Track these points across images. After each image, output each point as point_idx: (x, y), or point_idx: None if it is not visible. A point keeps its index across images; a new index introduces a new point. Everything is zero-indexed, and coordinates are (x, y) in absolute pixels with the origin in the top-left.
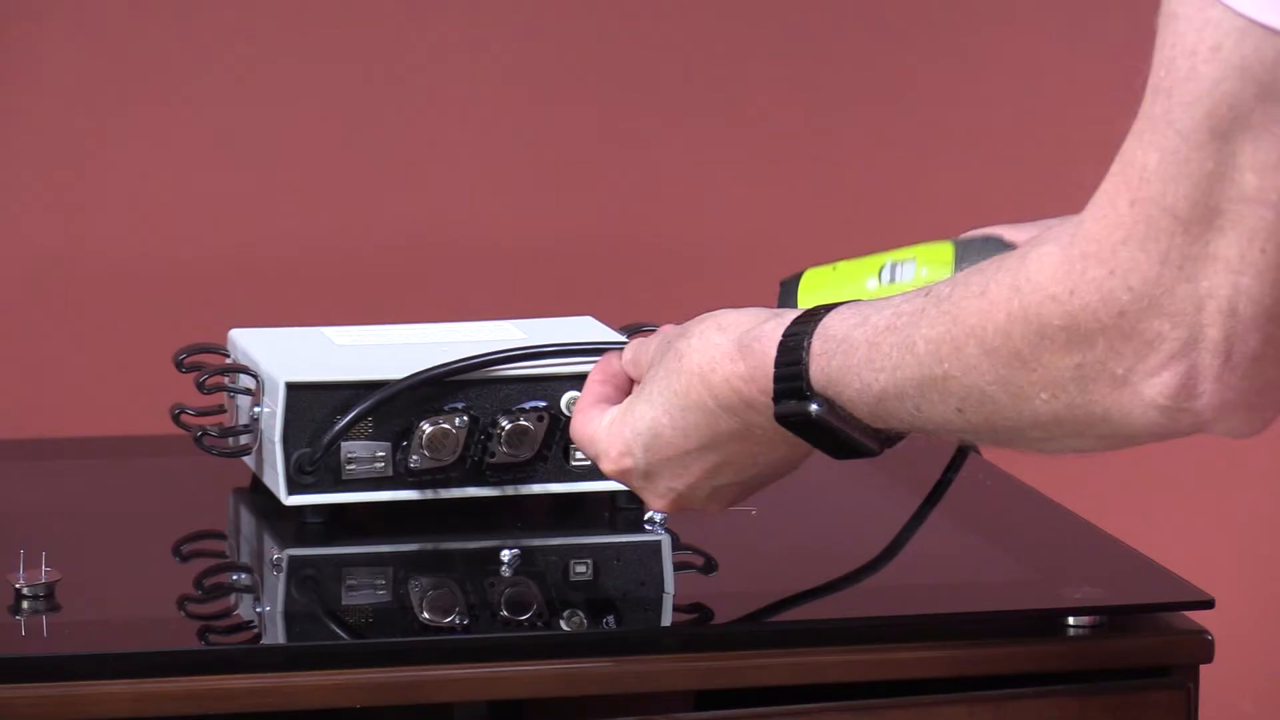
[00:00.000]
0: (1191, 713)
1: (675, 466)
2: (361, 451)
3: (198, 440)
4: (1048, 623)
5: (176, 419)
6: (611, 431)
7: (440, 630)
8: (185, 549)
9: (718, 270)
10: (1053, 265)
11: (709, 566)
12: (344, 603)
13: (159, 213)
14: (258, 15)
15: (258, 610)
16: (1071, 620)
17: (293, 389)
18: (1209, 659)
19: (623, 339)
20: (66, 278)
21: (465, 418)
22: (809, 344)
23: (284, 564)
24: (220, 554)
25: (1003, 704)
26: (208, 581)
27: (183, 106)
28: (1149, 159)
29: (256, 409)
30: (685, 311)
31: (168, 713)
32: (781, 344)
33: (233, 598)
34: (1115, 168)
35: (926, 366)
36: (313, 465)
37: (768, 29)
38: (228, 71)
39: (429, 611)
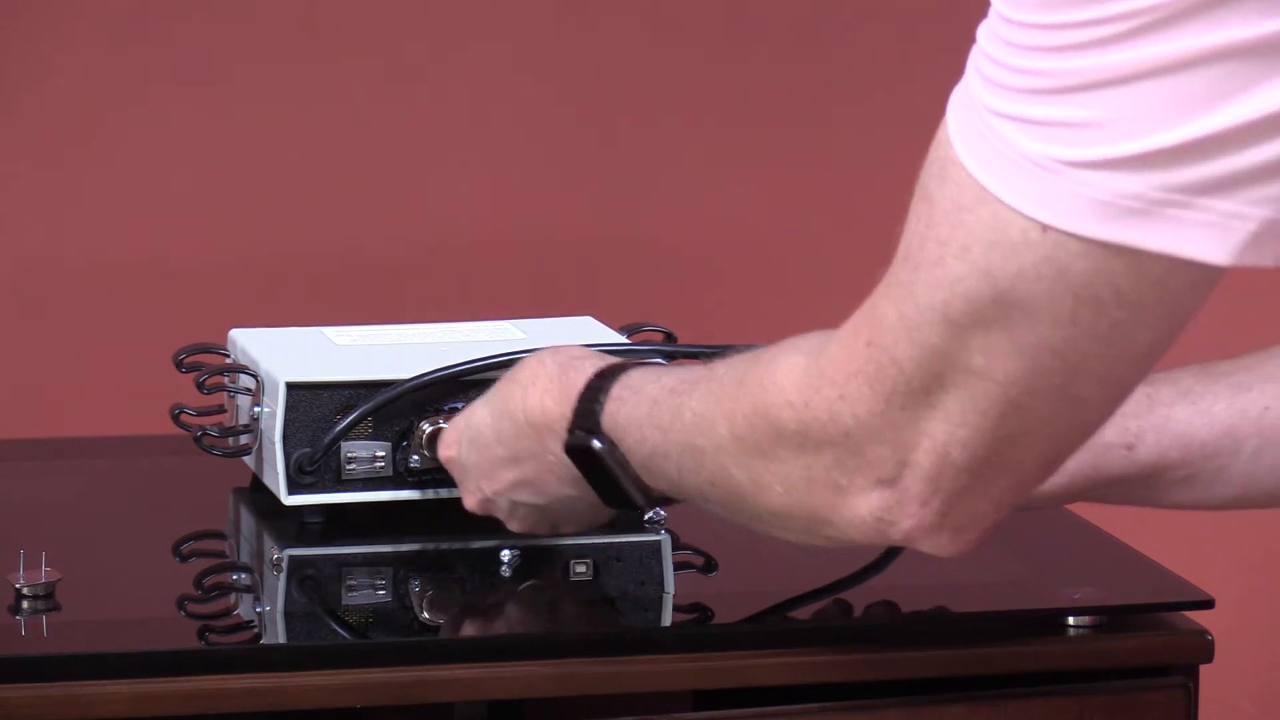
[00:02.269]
0: (1191, 713)
1: (486, 468)
2: (361, 451)
3: (198, 440)
4: (1048, 623)
5: (176, 419)
6: (455, 422)
7: (440, 630)
8: (185, 549)
9: (718, 270)
10: (796, 374)
11: (709, 566)
12: (344, 603)
13: (159, 212)
14: (257, 15)
15: (258, 610)
16: (1071, 620)
17: (293, 389)
18: (1209, 659)
19: (623, 339)
20: (67, 278)
21: None
22: (611, 387)
23: (284, 564)
24: (220, 554)
25: (1003, 704)
26: (208, 581)
27: (183, 106)
28: (887, 313)
29: (256, 409)
30: (684, 311)
31: (168, 713)
32: (589, 381)
33: (233, 597)
34: (865, 304)
35: (689, 436)
36: (313, 465)
37: (768, 28)
38: (228, 71)
39: (429, 611)
